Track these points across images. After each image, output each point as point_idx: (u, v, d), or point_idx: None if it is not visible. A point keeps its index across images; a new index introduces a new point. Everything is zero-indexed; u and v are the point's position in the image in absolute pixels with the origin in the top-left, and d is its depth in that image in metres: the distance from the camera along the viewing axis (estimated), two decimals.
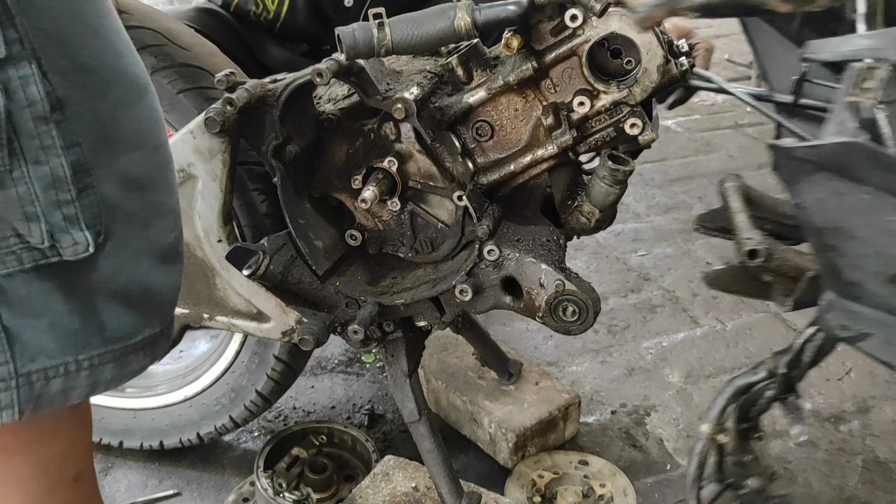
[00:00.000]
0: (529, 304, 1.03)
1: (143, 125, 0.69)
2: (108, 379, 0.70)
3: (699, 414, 1.61)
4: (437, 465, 1.18)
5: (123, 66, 0.67)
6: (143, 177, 0.69)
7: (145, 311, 0.72)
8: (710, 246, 2.24)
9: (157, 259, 0.72)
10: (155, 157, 0.71)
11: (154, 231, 0.71)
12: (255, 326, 1.16)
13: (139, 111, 0.68)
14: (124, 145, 0.67)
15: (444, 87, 1.02)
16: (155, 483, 1.45)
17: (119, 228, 0.67)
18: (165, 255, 0.73)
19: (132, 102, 0.68)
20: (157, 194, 0.72)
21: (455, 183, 1.04)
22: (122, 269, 0.68)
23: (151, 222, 0.71)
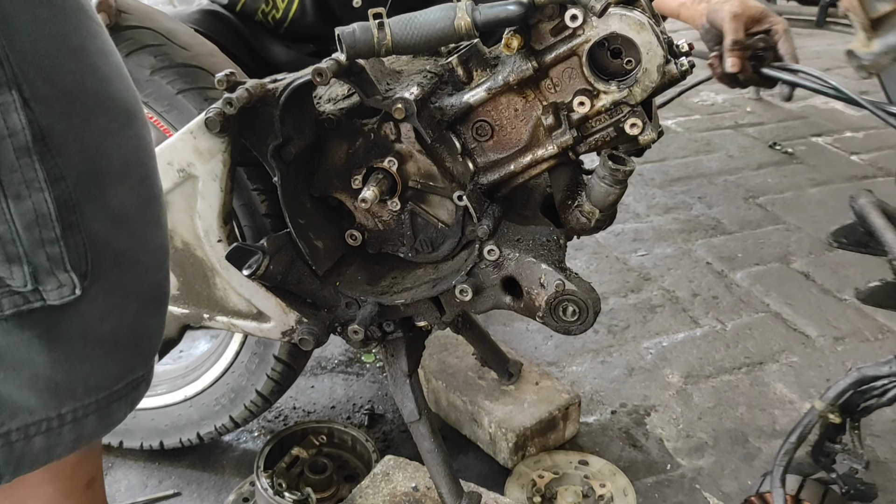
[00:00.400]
0: (529, 304, 1.03)
1: (131, 155, 0.64)
2: (91, 431, 0.66)
3: (699, 414, 1.61)
4: (437, 465, 1.18)
5: (110, 91, 0.62)
6: (132, 211, 0.64)
7: (130, 356, 0.68)
8: (710, 246, 2.24)
9: (146, 301, 0.68)
10: (143, 190, 0.66)
11: (143, 270, 0.67)
12: (255, 326, 1.16)
13: (126, 140, 0.63)
14: (111, 177, 0.62)
15: (444, 87, 1.02)
16: (155, 483, 1.45)
17: (107, 269, 0.62)
18: (153, 296, 0.69)
19: (119, 130, 0.62)
20: (145, 230, 0.67)
21: (455, 183, 1.04)
22: (109, 312, 0.64)
23: (140, 260, 0.66)
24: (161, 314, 0.72)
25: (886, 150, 2.86)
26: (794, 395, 1.67)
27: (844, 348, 1.81)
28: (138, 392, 0.71)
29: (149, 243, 0.67)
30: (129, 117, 0.64)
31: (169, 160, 1.06)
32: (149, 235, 0.67)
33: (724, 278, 2.09)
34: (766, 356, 1.79)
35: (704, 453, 1.52)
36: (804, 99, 3.36)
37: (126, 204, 0.63)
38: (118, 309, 0.65)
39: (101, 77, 0.61)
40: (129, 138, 0.63)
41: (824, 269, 2.12)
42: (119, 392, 0.67)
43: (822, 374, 1.73)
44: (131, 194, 0.64)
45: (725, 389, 1.68)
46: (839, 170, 2.70)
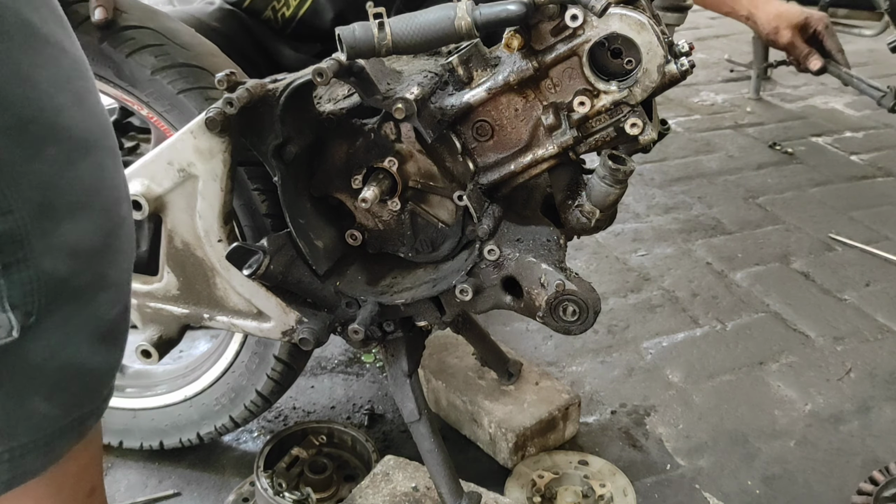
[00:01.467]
0: (530, 303, 1.03)
1: (89, 186, 0.61)
2: (33, 468, 0.64)
3: (699, 414, 1.61)
4: (437, 465, 1.18)
5: (64, 122, 0.59)
6: (89, 245, 0.62)
7: (78, 394, 0.66)
8: (710, 246, 2.24)
9: (98, 338, 0.65)
10: (102, 222, 0.63)
11: (97, 306, 0.64)
12: (256, 326, 1.16)
13: (83, 171, 0.61)
14: (65, 211, 0.59)
15: (444, 87, 1.02)
16: (155, 483, 1.45)
17: (59, 306, 0.60)
18: (107, 334, 0.66)
19: (75, 161, 0.60)
20: (103, 264, 0.64)
21: (455, 183, 1.04)
22: (56, 351, 0.61)
23: (96, 297, 0.64)
24: (116, 350, 0.69)
25: (886, 150, 2.86)
26: (794, 395, 1.67)
27: (844, 348, 1.81)
28: (85, 425, 0.69)
29: (107, 278, 0.65)
30: (87, 148, 0.61)
31: (169, 160, 1.06)
32: (108, 270, 0.65)
33: (724, 278, 2.09)
34: (766, 356, 1.79)
35: (704, 453, 1.52)
36: (804, 99, 3.36)
37: (83, 238, 0.61)
38: (66, 347, 0.62)
39: (55, 107, 0.59)
40: (87, 168, 0.61)
41: (824, 269, 2.12)
42: (65, 428, 0.65)
43: (822, 374, 1.73)
44: (89, 227, 0.61)
45: (725, 389, 1.68)
46: (839, 170, 2.70)
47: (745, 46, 3.29)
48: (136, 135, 1.47)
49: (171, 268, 1.15)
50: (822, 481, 1.45)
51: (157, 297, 1.18)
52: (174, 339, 1.21)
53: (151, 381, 1.48)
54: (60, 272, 0.59)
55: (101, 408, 0.71)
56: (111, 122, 0.68)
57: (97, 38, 1.15)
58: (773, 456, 1.51)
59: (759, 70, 3.27)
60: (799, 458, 1.50)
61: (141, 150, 1.45)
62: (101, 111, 0.65)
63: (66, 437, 0.66)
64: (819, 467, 1.48)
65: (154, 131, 1.25)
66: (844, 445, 1.53)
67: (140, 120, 1.42)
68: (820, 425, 1.58)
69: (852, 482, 1.42)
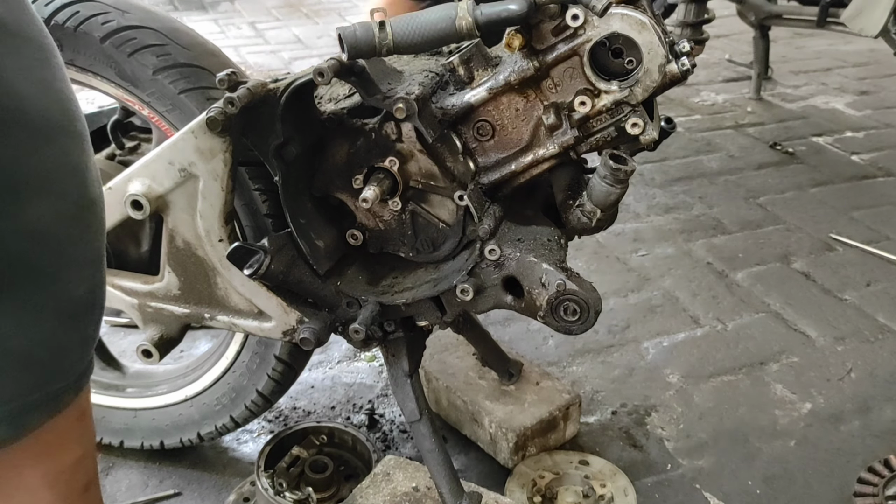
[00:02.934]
0: (530, 303, 1.03)
1: (53, 171, 0.63)
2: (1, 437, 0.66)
3: (699, 414, 1.62)
4: (437, 464, 1.18)
5: (27, 108, 0.61)
6: (52, 227, 0.64)
7: (46, 370, 0.68)
8: (710, 246, 2.24)
9: (65, 315, 0.67)
10: (66, 205, 0.65)
11: (63, 285, 0.66)
12: (257, 326, 1.16)
13: (47, 156, 0.63)
14: (28, 194, 0.61)
15: (445, 87, 1.02)
16: (155, 483, 1.45)
17: (21, 284, 0.62)
18: (74, 311, 0.68)
19: (38, 146, 0.62)
20: (68, 245, 0.66)
21: (456, 182, 1.04)
22: (20, 328, 0.63)
23: (60, 276, 0.66)
24: (84, 328, 0.71)
25: (887, 150, 2.86)
26: (794, 395, 1.67)
27: (845, 348, 1.81)
28: (60, 401, 0.70)
29: (72, 258, 0.67)
30: (52, 134, 0.63)
31: (170, 160, 1.06)
32: (72, 250, 0.67)
33: (725, 278, 2.09)
34: (766, 356, 1.79)
35: (704, 453, 1.52)
36: (805, 99, 3.36)
37: (46, 219, 0.63)
38: (30, 324, 0.64)
39: (17, 94, 0.61)
40: (51, 153, 0.63)
41: (825, 269, 2.12)
42: (33, 402, 0.67)
43: (822, 374, 1.73)
44: (52, 209, 0.63)
45: (726, 389, 1.68)
46: (840, 170, 2.70)
47: (746, 46, 3.30)
48: (137, 134, 1.47)
49: (172, 267, 1.15)
50: (822, 481, 1.45)
51: (159, 296, 1.18)
52: (175, 339, 1.21)
53: (152, 380, 1.48)
54: (24, 252, 0.61)
55: (79, 384, 0.72)
56: (79, 108, 0.69)
57: (99, 37, 1.16)
58: (773, 456, 1.51)
59: (759, 70, 3.28)
60: (799, 458, 1.50)
61: (142, 149, 1.45)
62: (67, 97, 0.66)
63: (37, 413, 0.68)
64: (819, 467, 1.48)
65: (155, 131, 1.25)
66: (845, 445, 1.53)
67: (141, 120, 1.42)
68: (820, 425, 1.58)
69: (852, 482, 1.42)
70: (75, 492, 0.79)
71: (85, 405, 0.79)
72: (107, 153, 1.45)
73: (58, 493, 0.77)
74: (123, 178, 1.10)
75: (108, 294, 1.20)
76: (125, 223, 1.14)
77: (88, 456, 0.82)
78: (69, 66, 1.19)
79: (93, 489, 0.83)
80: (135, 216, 1.09)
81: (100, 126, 1.49)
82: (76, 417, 0.77)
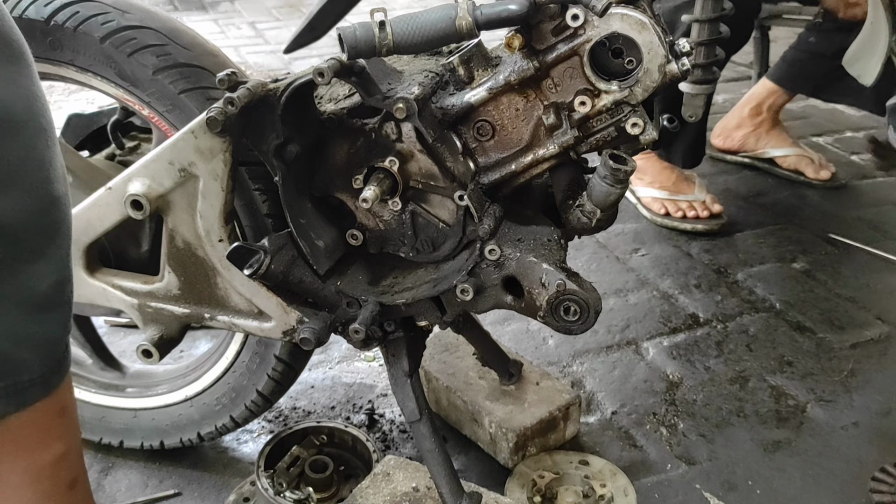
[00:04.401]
0: (531, 303, 1.03)
1: (15, 166, 0.63)
2: None
3: (699, 414, 1.62)
4: (437, 464, 1.18)
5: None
6: (14, 220, 0.64)
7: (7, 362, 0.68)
8: (710, 246, 2.24)
9: (29, 308, 0.67)
10: (30, 200, 0.66)
11: (25, 279, 0.66)
12: (257, 326, 1.16)
13: (10, 150, 0.63)
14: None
15: (445, 87, 1.02)
16: (155, 483, 1.45)
17: None
18: (40, 304, 0.68)
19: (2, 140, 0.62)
20: (30, 240, 0.66)
21: (456, 182, 1.04)
22: None
23: (21, 269, 0.66)
24: (51, 323, 0.71)
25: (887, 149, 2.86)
26: (794, 395, 1.67)
27: (844, 348, 1.81)
28: (24, 395, 0.70)
29: (36, 253, 0.67)
30: (15, 129, 0.63)
31: (170, 160, 1.06)
32: (35, 245, 0.67)
33: (725, 278, 2.09)
34: (766, 356, 1.79)
35: (705, 453, 1.52)
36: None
37: (7, 213, 0.63)
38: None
39: None
40: (14, 148, 0.63)
41: (825, 269, 2.12)
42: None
43: (822, 374, 1.73)
44: (14, 204, 0.63)
45: (725, 389, 1.68)
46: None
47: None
48: (137, 134, 1.47)
49: (172, 267, 1.15)
50: (822, 481, 1.45)
51: (158, 296, 1.18)
52: (175, 339, 1.21)
53: (152, 380, 1.48)
54: None
55: (47, 380, 0.72)
56: (45, 104, 0.69)
57: (99, 37, 1.16)
58: (773, 456, 1.51)
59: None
60: (799, 458, 1.50)
61: (142, 149, 1.45)
62: (33, 93, 0.66)
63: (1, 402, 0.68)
64: (820, 467, 1.48)
65: (155, 131, 1.25)
66: (845, 445, 1.53)
67: (141, 120, 1.43)
68: (820, 425, 1.58)
69: (853, 482, 1.42)
70: (60, 489, 0.79)
71: (66, 401, 0.79)
72: (107, 153, 1.45)
73: (41, 490, 0.76)
74: (123, 178, 1.10)
75: (108, 294, 1.20)
76: (125, 223, 1.14)
77: (73, 452, 0.81)
78: (69, 66, 1.19)
79: (80, 486, 0.83)
80: (135, 216, 1.09)
81: (100, 126, 1.49)
82: (56, 413, 0.77)
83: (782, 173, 2.63)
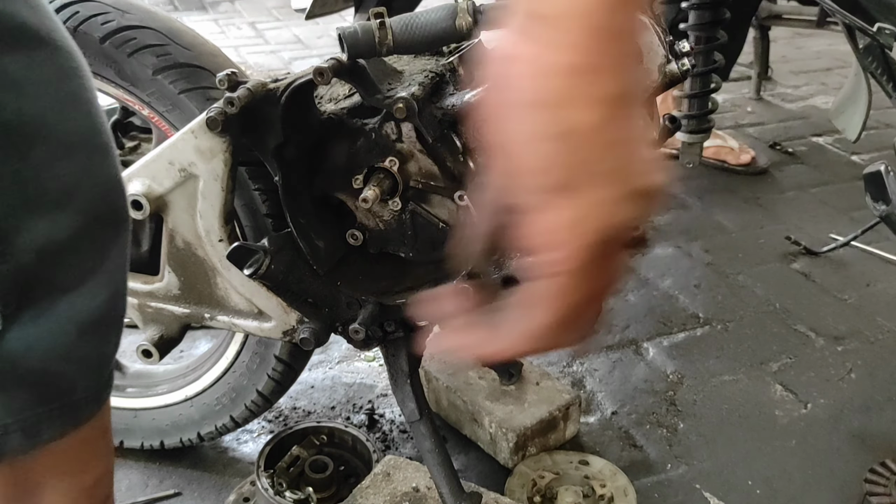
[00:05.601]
0: None
1: (72, 184, 0.63)
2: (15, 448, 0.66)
3: (700, 414, 1.62)
4: (437, 464, 1.18)
5: (49, 122, 0.61)
6: (71, 241, 0.64)
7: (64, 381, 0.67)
8: (710, 246, 2.24)
9: (84, 327, 0.67)
10: (85, 219, 0.65)
11: (81, 298, 0.66)
12: (257, 326, 1.16)
13: (67, 169, 0.63)
14: (47, 208, 0.61)
15: (445, 87, 1.02)
16: (155, 483, 1.45)
17: (38, 298, 0.62)
18: (94, 323, 0.68)
19: (59, 160, 0.62)
20: (87, 259, 0.66)
21: (456, 182, 1.04)
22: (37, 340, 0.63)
23: (79, 290, 0.65)
24: (104, 340, 0.70)
25: (887, 150, 2.86)
26: (794, 395, 1.67)
27: (845, 348, 1.81)
28: (79, 413, 0.70)
29: (92, 271, 0.66)
30: (72, 147, 0.63)
31: (170, 160, 1.06)
32: (92, 264, 0.66)
33: (725, 278, 2.09)
34: (766, 356, 1.79)
35: (704, 453, 1.52)
36: (805, 99, 3.36)
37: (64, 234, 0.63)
38: (49, 336, 0.64)
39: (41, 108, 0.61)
40: (70, 166, 0.63)
41: (825, 270, 2.12)
42: (49, 413, 0.67)
43: (822, 374, 1.73)
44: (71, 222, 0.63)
45: (725, 389, 1.68)
46: (840, 170, 2.70)
47: (746, 46, 3.29)
48: (137, 135, 1.47)
49: (172, 267, 1.15)
50: (822, 481, 1.45)
51: (158, 296, 1.18)
52: (175, 339, 1.21)
53: (152, 380, 1.48)
54: (41, 267, 0.61)
55: (99, 396, 0.72)
56: (104, 119, 0.69)
57: (99, 37, 1.16)
58: (773, 456, 1.51)
59: (759, 70, 3.28)
60: (799, 458, 1.50)
61: (142, 149, 1.45)
62: (92, 110, 0.66)
63: (55, 422, 0.68)
64: (819, 467, 1.48)
65: (155, 131, 1.25)
66: (844, 445, 1.53)
67: (141, 120, 1.43)
68: (820, 425, 1.58)
69: (852, 482, 1.42)
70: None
71: (106, 423, 0.79)
72: None
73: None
74: (123, 178, 1.10)
75: None
76: None
77: (108, 473, 0.82)
78: None
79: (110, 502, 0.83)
80: (135, 216, 1.09)
81: None
82: (101, 433, 0.77)
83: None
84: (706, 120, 1.91)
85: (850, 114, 1.65)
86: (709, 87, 1.85)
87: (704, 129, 1.93)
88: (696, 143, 1.95)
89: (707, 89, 1.85)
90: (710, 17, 1.79)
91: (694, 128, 1.92)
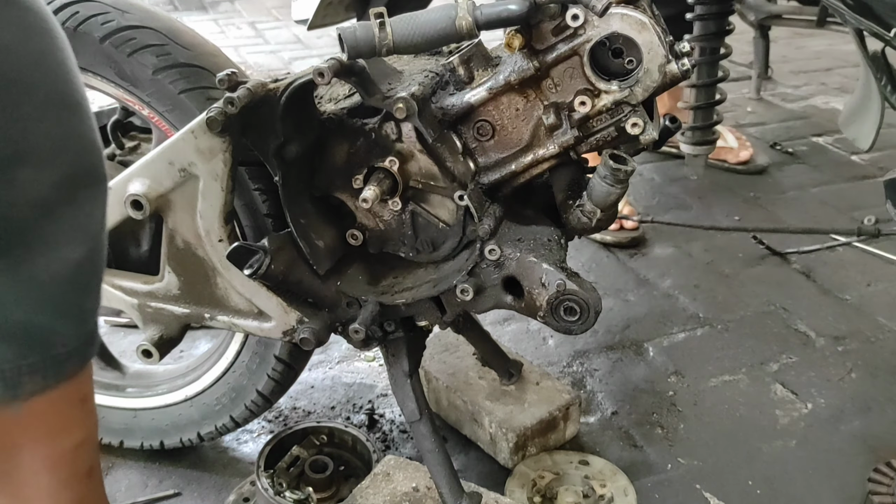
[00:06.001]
0: (531, 303, 1.03)
1: (51, 139, 0.65)
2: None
3: (700, 414, 1.61)
4: (437, 465, 1.18)
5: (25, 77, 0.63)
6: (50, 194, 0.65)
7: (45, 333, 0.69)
8: (710, 246, 2.24)
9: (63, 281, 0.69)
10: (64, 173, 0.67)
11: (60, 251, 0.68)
12: (257, 326, 1.16)
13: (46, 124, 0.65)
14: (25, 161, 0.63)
15: (445, 87, 1.02)
16: (155, 483, 1.45)
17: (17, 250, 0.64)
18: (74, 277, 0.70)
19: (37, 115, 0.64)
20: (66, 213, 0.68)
21: (456, 182, 1.04)
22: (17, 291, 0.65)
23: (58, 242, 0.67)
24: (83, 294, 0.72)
25: (888, 149, 2.86)
26: (794, 395, 1.67)
27: (845, 348, 1.81)
28: (62, 368, 0.71)
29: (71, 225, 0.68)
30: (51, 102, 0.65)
31: (170, 160, 1.06)
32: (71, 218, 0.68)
33: (725, 278, 2.09)
34: (766, 356, 1.79)
35: (704, 453, 1.52)
36: (805, 99, 3.36)
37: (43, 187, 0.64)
38: (29, 287, 0.66)
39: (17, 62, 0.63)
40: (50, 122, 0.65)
41: (825, 269, 2.12)
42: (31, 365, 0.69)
43: (822, 374, 1.73)
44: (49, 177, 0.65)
45: (726, 389, 1.68)
46: (840, 170, 2.70)
47: (746, 46, 3.29)
48: (137, 134, 1.47)
49: (171, 267, 1.15)
50: (822, 481, 1.45)
51: (158, 296, 1.18)
52: (175, 339, 1.21)
53: (152, 380, 1.48)
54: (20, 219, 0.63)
55: (82, 353, 0.73)
56: (77, 77, 0.70)
57: (99, 37, 1.16)
58: (773, 456, 1.51)
59: (759, 70, 3.28)
60: (799, 458, 1.50)
61: (142, 149, 1.45)
62: (63, 68, 0.68)
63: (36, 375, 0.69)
64: (819, 467, 1.48)
65: (155, 131, 1.25)
66: (845, 445, 1.53)
67: (141, 120, 1.42)
68: (820, 425, 1.58)
69: (853, 482, 1.42)
70: (77, 476, 0.79)
71: (87, 389, 0.80)
72: (107, 153, 1.45)
73: (59, 477, 0.77)
74: (123, 178, 1.10)
75: (108, 294, 1.20)
76: (125, 223, 1.14)
77: (90, 441, 0.82)
78: None
79: (95, 475, 0.84)
80: (135, 216, 1.09)
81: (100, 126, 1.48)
82: (79, 399, 0.77)
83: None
84: (711, 132, 1.92)
85: (861, 122, 1.65)
86: (713, 99, 1.85)
87: (709, 140, 1.93)
88: (701, 154, 1.96)
89: (711, 101, 1.85)
90: (715, 27, 1.78)
91: (699, 139, 1.92)
